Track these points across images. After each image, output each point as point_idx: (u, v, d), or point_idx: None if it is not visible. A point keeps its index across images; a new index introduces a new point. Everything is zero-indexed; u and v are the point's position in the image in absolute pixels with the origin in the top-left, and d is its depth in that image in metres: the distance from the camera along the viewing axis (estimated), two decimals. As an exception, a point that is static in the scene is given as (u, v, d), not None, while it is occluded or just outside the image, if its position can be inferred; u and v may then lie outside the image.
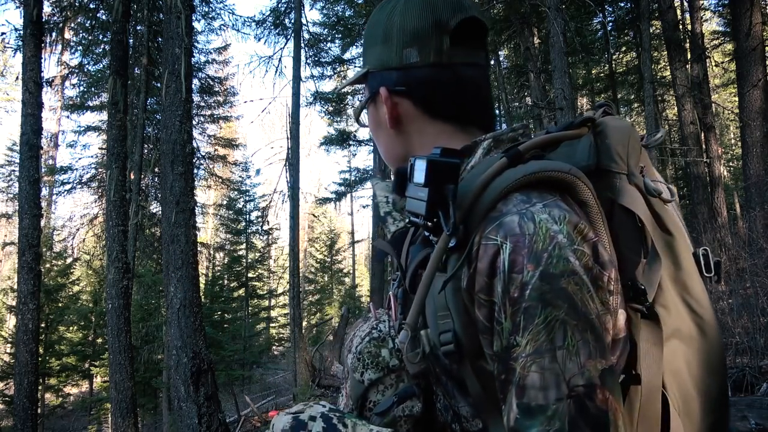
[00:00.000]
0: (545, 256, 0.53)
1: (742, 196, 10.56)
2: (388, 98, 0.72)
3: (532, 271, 0.53)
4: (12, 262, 18.52)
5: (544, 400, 0.50)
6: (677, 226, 0.64)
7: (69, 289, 14.04)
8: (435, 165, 0.60)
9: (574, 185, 0.59)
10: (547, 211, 0.55)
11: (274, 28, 12.37)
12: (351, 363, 0.69)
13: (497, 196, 0.58)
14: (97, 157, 14.04)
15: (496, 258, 0.55)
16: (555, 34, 6.98)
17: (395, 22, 0.71)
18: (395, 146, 0.74)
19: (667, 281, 0.61)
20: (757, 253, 5.76)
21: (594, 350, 0.51)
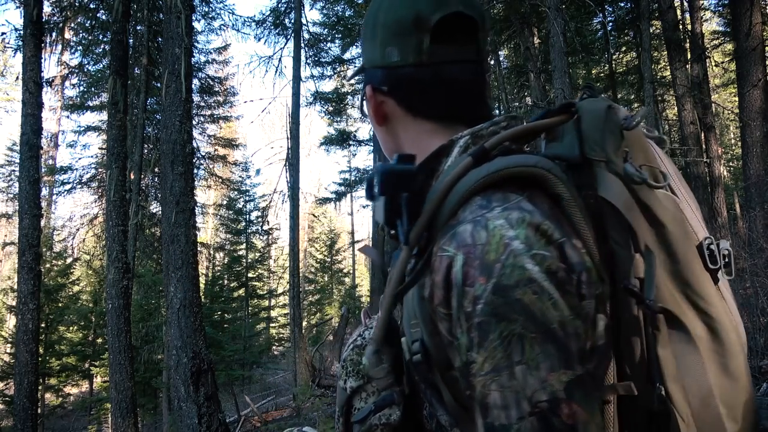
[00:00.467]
0: (498, 266, 0.50)
1: (742, 196, 10.56)
2: (372, 96, 0.71)
3: (484, 283, 0.50)
4: (12, 262, 18.52)
5: (506, 419, 0.48)
6: (670, 215, 0.58)
7: (69, 289, 14.04)
8: (387, 174, 0.58)
9: (544, 179, 0.55)
10: (504, 216, 0.52)
11: (274, 28, 12.38)
12: (338, 370, 0.70)
13: (459, 200, 0.55)
14: (97, 157, 14.05)
15: (449, 270, 0.52)
16: (555, 34, 6.98)
17: (380, 19, 0.69)
18: (388, 141, 0.73)
19: (664, 277, 0.56)
20: (757, 253, 5.76)
21: (557, 361, 0.48)
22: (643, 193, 0.57)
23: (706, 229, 0.61)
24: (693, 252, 0.58)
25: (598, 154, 0.58)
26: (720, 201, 9.72)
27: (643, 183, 0.57)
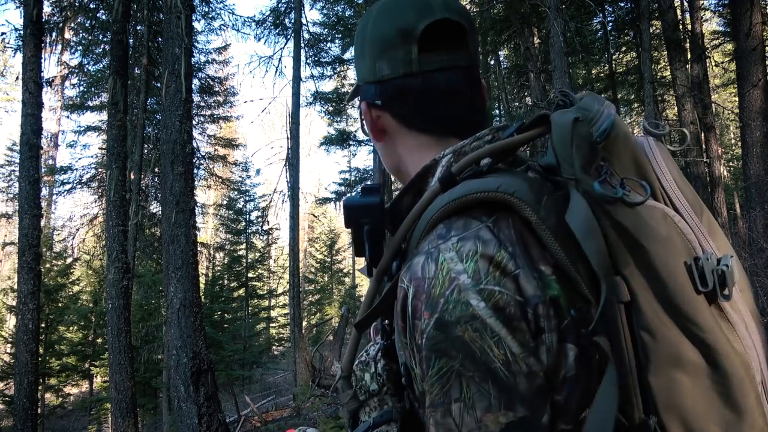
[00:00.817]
0: (441, 301, 0.49)
1: (742, 196, 10.57)
2: (367, 112, 0.70)
3: (428, 318, 0.50)
4: (12, 262, 18.52)
5: None
6: (654, 234, 0.51)
7: (69, 289, 14.04)
8: (349, 208, 0.59)
9: (508, 204, 0.52)
10: (456, 248, 0.51)
11: (274, 28, 12.38)
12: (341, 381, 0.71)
13: (425, 227, 0.55)
14: (97, 157, 14.05)
15: (405, 302, 0.52)
16: (555, 34, 6.98)
17: (368, 35, 0.68)
18: (387, 157, 0.72)
19: (650, 301, 0.50)
20: (757, 253, 5.77)
21: (496, 402, 0.47)
22: (620, 212, 0.51)
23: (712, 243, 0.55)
24: (682, 273, 0.51)
25: (568, 172, 0.53)
26: (720, 201, 9.72)
27: (617, 201, 0.51)
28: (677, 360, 0.50)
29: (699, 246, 0.54)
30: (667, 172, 0.60)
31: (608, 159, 0.55)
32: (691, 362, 0.50)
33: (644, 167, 0.58)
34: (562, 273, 0.50)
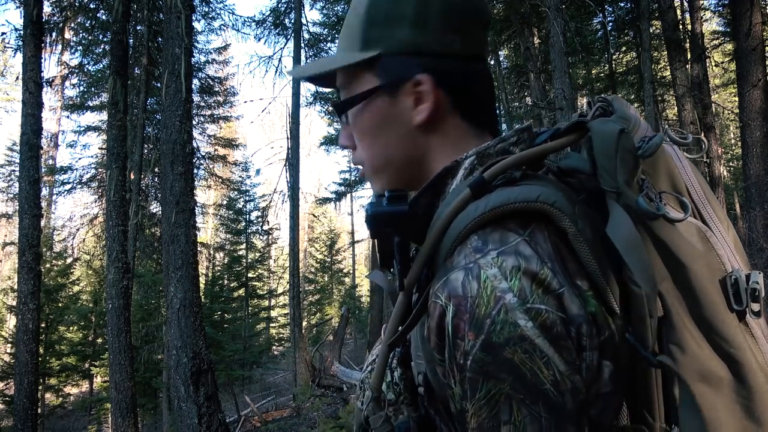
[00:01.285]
0: (488, 322, 0.47)
1: (742, 196, 10.57)
2: (435, 88, 0.61)
3: (473, 340, 0.48)
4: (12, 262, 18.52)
5: None
6: (693, 251, 0.52)
7: (69, 289, 14.05)
8: (376, 218, 0.56)
9: (547, 214, 0.51)
10: (498, 263, 0.49)
11: (274, 28, 12.38)
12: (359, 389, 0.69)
13: (457, 237, 0.52)
14: (97, 157, 14.05)
15: (442, 320, 0.50)
16: (555, 34, 6.98)
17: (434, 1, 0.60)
18: (406, 151, 0.64)
19: (682, 316, 0.51)
20: (757, 253, 5.76)
21: (547, 423, 0.46)
22: (661, 228, 0.51)
23: (737, 257, 0.55)
24: (716, 289, 0.52)
25: (609, 184, 0.52)
26: (720, 201, 9.72)
27: (658, 217, 0.51)
28: (704, 375, 0.50)
29: (729, 263, 0.54)
30: (696, 183, 0.59)
31: (647, 172, 0.55)
32: (717, 377, 0.50)
33: (677, 180, 0.58)
34: (596, 288, 0.50)
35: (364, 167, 0.66)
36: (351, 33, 0.63)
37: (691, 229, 0.54)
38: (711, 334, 0.50)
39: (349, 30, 0.63)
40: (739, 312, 0.52)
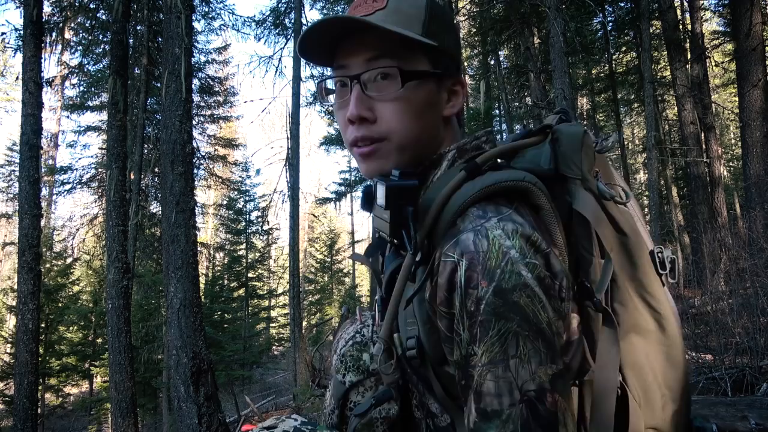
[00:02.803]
0: (498, 272, 0.56)
1: (742, 196, 10.56)
2: (465, 90, 0.75)
3: (486, 287, 0.56)
4: (12, 262, 18.52)
5: (499, 405, 0.54)
6: (631, 227, 0.67)
7: (69, 289, 14.04)
8: (393, 190, 0.62)
9: (528, 192, 0.63)
10: (501, 226, 0.58)
11: (274, 28, 12.37)
12: (335, 364, 0.71)
13: (457, 211, 0.61)
14: (97, 157, 14.04)
15: (453, 274, 0.57)
16: (555, 34, 6.98)
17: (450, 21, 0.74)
18: (433, 136, 0.72)
19: (623, 279, 0.65)
20: (757, 253, 5.76)
21: (545, 357, 0.55)
22: (610, 207, 0.67)
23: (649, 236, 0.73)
24: (646, 258, 0.67)
25: (574, 173, 0.66)
26: (720, 201, 9.71)
27: (611, 199, 0.66)
28: (638, 327, 0.65)
29: (650, 241, 0.71)
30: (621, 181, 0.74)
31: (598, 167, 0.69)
32: (647, 329, 0.65)
33: (612, 175, 0.73)
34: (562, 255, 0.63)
35: (389, 141, 0.68)
36: (410, 17, 0.67)
37: (629, 211, 0.69)
38: (643, 292, 0.66)
39: (409, 14, 0.67)
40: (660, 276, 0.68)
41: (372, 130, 0.68)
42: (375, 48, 0.67)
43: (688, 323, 5.59)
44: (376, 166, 0.70)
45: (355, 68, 0.68)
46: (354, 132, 0.69)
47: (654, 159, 7.32)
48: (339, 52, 0.70)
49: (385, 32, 0.65)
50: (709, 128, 10.40)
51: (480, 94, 11.63)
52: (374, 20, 0.65)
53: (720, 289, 5.82)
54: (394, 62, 0.67)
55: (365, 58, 0.67)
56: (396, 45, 0.67)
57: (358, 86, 0.68)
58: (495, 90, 15.24)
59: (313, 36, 0.68)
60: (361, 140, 0.69)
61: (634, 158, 22.31)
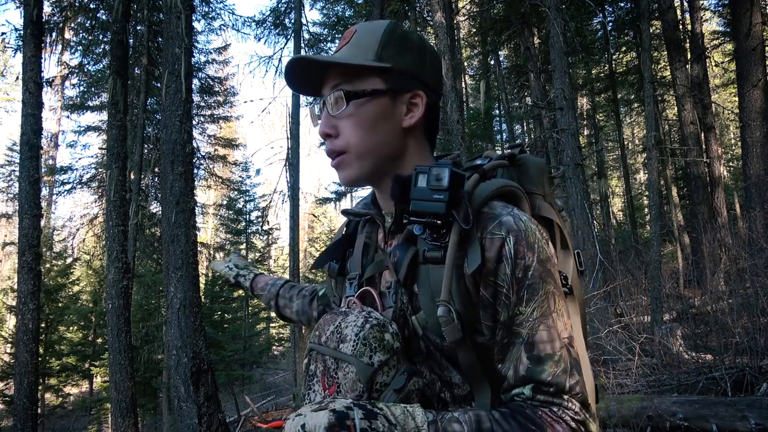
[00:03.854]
0: (536, 246, 0.74)
1: (742, 196, 10.56)
2: (424, 102, 0.84)
3: (532, 257, 0.73)
4: (12, 262, 18.52)
5: (551, 349, 0.71)
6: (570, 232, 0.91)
7: (69, 289, 14.03)
8: (456, 175, 0.76)
9: (519, 196, 0.82)
10: (522, 215, 0.76)
11: (274, 28, 12.37)
12: (354, 349, 0.72)
13: (483, 201, 0.76)
14: (97, 157, 14.04)
15: (502, 248, 0.73)
16: (555, 34, 6.98)
17: (426, 46, 0.85)
18: (392, 145, 0.83)
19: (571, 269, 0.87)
20: (757, 253, 5.76)
21: (566, 312, 0.75)
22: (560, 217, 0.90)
23: None
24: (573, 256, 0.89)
25: (539, 190, 0.89)
26: (720, 201, 9.71)
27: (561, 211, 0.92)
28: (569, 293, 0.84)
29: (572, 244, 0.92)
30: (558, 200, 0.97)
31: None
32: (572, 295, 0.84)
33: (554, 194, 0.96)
34: None
35: (348, 153, 0.82)
36: (365, 47, 0.81)
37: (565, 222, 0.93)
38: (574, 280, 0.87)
39: (363, 46, 0.81)
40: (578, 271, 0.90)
41: (335, 144, 0.82)
42: (335, 77, 0.82)
43: (688, 323, 5.59)
44: (345, 174, 0.83)
45: (325, 94, 0.83)
46: (326, 146, 0.84)
47: (654, 159, 7.32)
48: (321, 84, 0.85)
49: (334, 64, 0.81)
50: (709, 128, 10.40)
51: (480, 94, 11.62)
52: (339, 56, 0.81)
53: (720, 289, 5.82)
54: (345, 86, 0.80)
55: (330, 86, 0.82)
56: (349, 72, 0.81)
57: (325, 109, 0.82)
58: (495, 90, 15.24)
59: (295, 72, 0.83)
60: (330, 153, 0.84)
61: (634, 158, 22.30)
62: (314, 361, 0.76)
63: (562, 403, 0.70)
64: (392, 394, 0.71)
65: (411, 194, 0.77)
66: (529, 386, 0.71)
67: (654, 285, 6.23)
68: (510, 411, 0.70)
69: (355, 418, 0.61)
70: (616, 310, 6.25)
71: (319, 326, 0.78)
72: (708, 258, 7.00)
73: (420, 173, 0.77)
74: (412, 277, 0.79)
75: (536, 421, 0.68)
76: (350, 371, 0.71)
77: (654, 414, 3.48)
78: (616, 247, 10.51)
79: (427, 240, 0.77)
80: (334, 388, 0.72)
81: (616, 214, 22.46)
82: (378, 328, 0.73)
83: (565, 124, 6.94)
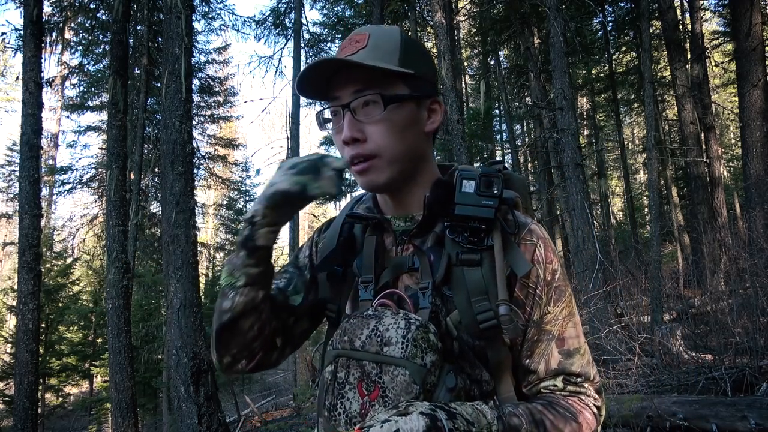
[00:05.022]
0: (556, 253, 0.84)
1: (742, 196, 10.56)
2: (443, 108, 0.88)
3: (557, 262, 0.83)
4: (12, 262, 18.52)
5: (578, 344, 0.82)
6: None
7: (69, 289, 14.02)
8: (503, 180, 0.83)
9: (521, 209, 0.90)
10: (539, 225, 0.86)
11: (274, 28, 12.38)
12: (404, 351, 0.70)
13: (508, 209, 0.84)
14: (97, 157, 14.05)
15: (534, 254, 0.81)
16: (555, 34, 6.98)
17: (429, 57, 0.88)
18: (416, 150, 0.85)
19: None
20: (757, 253, 5.76)
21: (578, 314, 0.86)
22: None
23: None
24: None
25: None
26: (720, 201, 9.71)
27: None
28: None
29: None
30: None
31: None
32: None
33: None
34: None
35: (380, 158, 0.81)
36: (389, 52, 0.81)
37: None
38: None
39: (386, 51, 0.81)
40: None
41: (364, 149, 0.80)
42: (360, 81, 0.80)
43: (688, 323, 5.59)
44: (372, 178, 0.81)
45: (345, 98, 0.81)
46: (350, 152, 0.81)
47: (654, 159, 7.32)
48: (332, 87, 0.83)
49: (366, 67, 0.78)
50: (709, 128, 10.40)
51: (480, 94, 11.62)
52: (358, 59, 0.78)
53: (720, 289, 5.82)
54: (376, 90, 0.79)
55: (353, 90, 0.80)
56: (377, 76, 0.79)
57: (349, 113, 0.80)
58: (495, 90, 15.23)
59: (311, 74, 0.81)
60: (356, 158, 0.81)
61: (634, 158, 22.30)
62: (343, 367, 0.74)
63: (587, 392, 0.81)
64: (445, 393, 0.71)
65: (457, 199, 0.80)
66: (560, 378, 0.81)
67: (654, 285, 6.23)
68: (548, 402, 0.79)
69: (442, 420, 0.62)
70: (616, 310, 6.24)
71: (346, 331, 0.76)
72: (708, 258, 7.00)
73: (465, 179, 0.81)
74: (444, 280, 0.81)
75: (570, 409, 0.78)
76: (400, 374, 0.70)
77: (654, 414, 3.48)
78: (616, 247, 10.50)
79: (461, 243, 0.80)
80: (377, 393, 0.71)
81: (616, 214, 22.45)
82: (423, 329, 0.73)
83: (565, 124, 6.94)
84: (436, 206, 0.82)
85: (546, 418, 0.75)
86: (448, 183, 0.84)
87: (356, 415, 0.71)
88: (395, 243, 0.88)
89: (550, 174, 11.73)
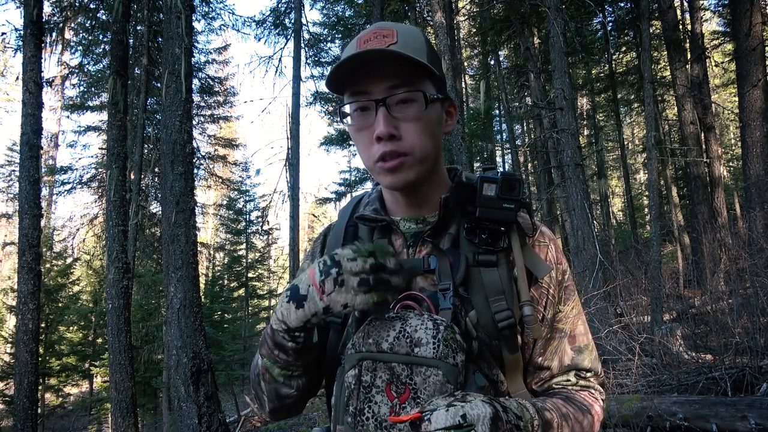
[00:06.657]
0: (563, 254, 0.87)
1: (742, 196, 10.55)
2: (457, 110, 0.91)
3: (566, 263, 0.87)
4: (12, 262, 18.51)
5: (587, 340, 0.88)
6: None
7: (69, 289, 14.03)
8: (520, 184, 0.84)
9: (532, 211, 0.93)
10: None
11: (274, 28, 12.37)
12: (437, 352, 0.70)
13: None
14: (97, 157, 14.04)
15: (547, 255, 0.85)
16: (555, 34, 6.98)
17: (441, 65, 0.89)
18: (438, 150, 0.86)
19: None
20: (757, 253, 5.76)
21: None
22: None
23: None
24: None
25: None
26: (720, 201, 9.71)
27: None
28: None
29: None
30: None
31: None
32: None
33: None
34: None
35: (411, 156, 0.79)
36: (418, 51, 0.79)
37: None
38: None
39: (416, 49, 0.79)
40: None
41: (399, 146, 0.78)
42: (394, 76, 0.77)
43: (688, 323, 5.59)
44: (403, 177, 0.80)
45: (377, 94, 0.78)
46: (381, 148, 0.78)
47: (654, 159, 7.32)
48: (357, 80, 0.79)
49: (402, 62, 0.76)
50: (709, 128, 10.40)
51: (480, 94, 11.62)
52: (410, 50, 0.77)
53: (720, 289, 5.82)
54: (414, 88, 0.78)
55: (387, 86, 0.77)
56: (411, 73, 0.78)
57: (384, 108, 0.77)
58: (495, 90, 15.23)
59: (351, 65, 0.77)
60: (389, 155, 0.78)
61: (634, 158, 22.29)
62: (368, 371, 0.72)
63: (594, 386, 0.87)
64: (477, 392, 0.70)
65: (478, 201, 0.80)
66: (572, 373, 0.86)
67: (654, 285, 6.23)
68: (566, 397, 0.83)
69: (499, 411, 0.64)
70: (616, 310, 6.25)
71: (370, 333, 0.74)
72: (708, 258, 7.00)
73: (486, 182, 0.81)
74: (461, 281, 0.81)
75: (584, 403, 0.83)
76: (432, 374, 0.70)
77: (654, 414, 3.48)
78: (616, 247, 10.50)
79: (479, 245, 0.81)
80: (408, 395, 0.70)
81: (616, 214, 22.45)
82: (450, 330, 0.73)
83: (565, 124, 6.94)
84: (456, 208, 0.83)
85: (569, 412, 0.79)
86: (468, 185, 0.84)
87: (386, 419, 0.70)
88: (405, 245, 0.86)
89: (550, 174, 11.74)
